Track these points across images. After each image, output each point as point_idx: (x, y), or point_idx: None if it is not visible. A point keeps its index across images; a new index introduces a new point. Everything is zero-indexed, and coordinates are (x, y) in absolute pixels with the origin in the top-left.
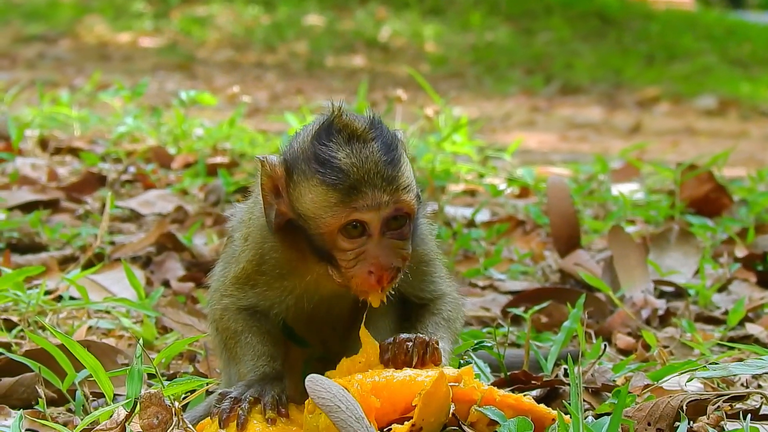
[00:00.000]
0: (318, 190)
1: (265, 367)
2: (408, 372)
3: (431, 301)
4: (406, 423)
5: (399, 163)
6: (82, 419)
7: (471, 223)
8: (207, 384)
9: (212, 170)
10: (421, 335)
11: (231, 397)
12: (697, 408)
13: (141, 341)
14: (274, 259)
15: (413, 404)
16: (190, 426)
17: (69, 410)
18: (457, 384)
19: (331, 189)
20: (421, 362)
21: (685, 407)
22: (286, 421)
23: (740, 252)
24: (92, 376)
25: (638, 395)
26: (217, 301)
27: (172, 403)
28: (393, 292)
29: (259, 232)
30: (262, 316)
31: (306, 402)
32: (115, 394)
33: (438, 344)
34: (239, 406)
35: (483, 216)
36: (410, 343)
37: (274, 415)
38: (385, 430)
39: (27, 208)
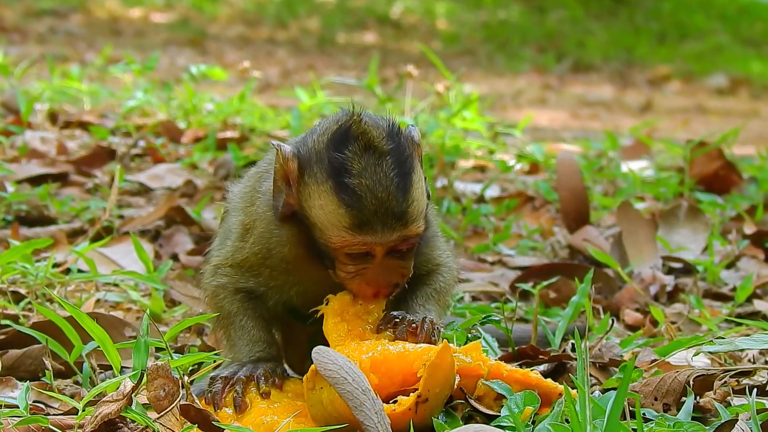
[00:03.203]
0: (328, 200)
1: (260, 353)
2: (403, 344)
3: (427, 272)
4: (411, 394)
5: (411, 187)
6: (88, 391)
7: (480, 199)
8: (215, 355)
9: (222, 145)
10: (424, 318)
11: (222, 377)
12: (704, 383)
13: (148, 312)
14: (281, 254)
15: (418, 375)
16: (197, 399)
17: (76, 382)
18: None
19: (341, 208)
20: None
21: (692, 382)
22: (292, 396)
23: (749, 229)
24: (99, 349)
25: (645, 370)
26: (212, 278)
27: (181, 376)
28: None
29: (265, 225)
30: (259, 299)
31: (305, 378)
32: (122, 367)
33: (436, 326)
34: (234, 388)
35: (492, 192)
36: (414, 325)
37: (268, 389)
38: (390, 401)
39: (36, 181)
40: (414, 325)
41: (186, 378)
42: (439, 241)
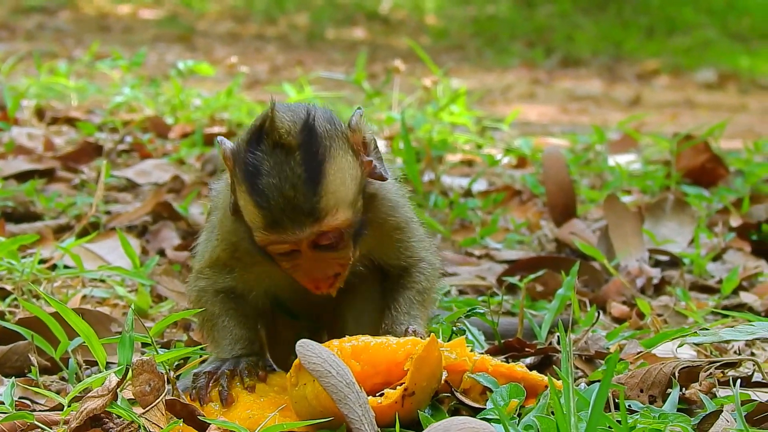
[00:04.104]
0: (246, 201)
1: (242, 350)
2: (387, 337)
3: (406, 269)
4: (398, 388)
5: (323, 179)
6: (74, 387)
7: (468, 193)
8: (201, 350)
9: (209, 140)
10: (406, 330)
11: (206, 372)
12: (689, 375)
13: (133, 307)
14: (246, 248)
15: (405, 369)
16: (182, 394)
17: (62, 378)
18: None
19: (255, 209)
20: None
21: (677, 374)
22: (278, 390)
23: (735, 221)
24: (85, 344)
25: (631, 362)
26: (195, 282)
27: (167, 371)
28: (366, 263)
29: (229, 222)
30: (240, 299)
31: (288, 375)
32: (108, 362)
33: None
34: (218, 382)
35: (480, 186)
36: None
37: (253, 382)
38: (377, 395)
39: (22, 177)
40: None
41: (172, 373)
42: (414, 233)
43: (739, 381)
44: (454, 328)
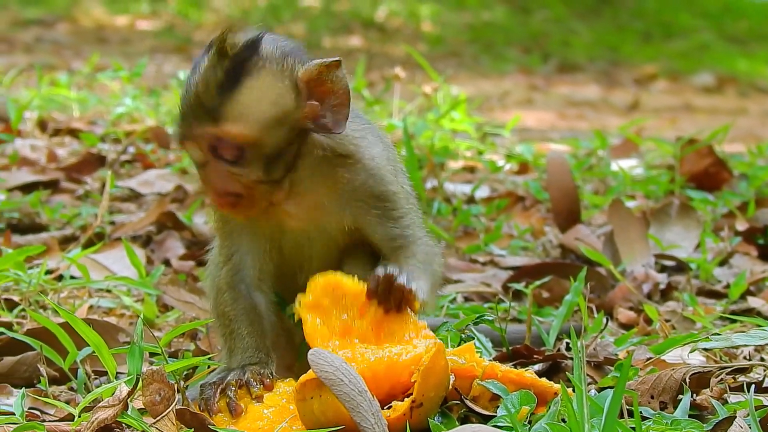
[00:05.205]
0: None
1: (249, 359)
2: (392, 350)
3: (401, 246)
4: (406, 399)
5: (239, 87)
6: (84, 397)
7: (471, 200)
8: (209, 359)
9: None
10: (396, 275)
11: (212, 383)
12: (700, 380)
13: (142, 317)
14: None
15: (412, 380)
16: (192, 404)
17: (71, 388)
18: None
19: (178, 101)
20: (397, 307)
21: (688, 380)
22: (288, 399)
23: (741, 226)
24: (93, 355)
25: (641, 369)
26: (212, 281)
27: (177, 381)
28: (354, 237)
29: None
30: (253, 290)
31: (294, 389)
32: (116, 372)
33: (412, 291)
34: (225, 393)
35: (482, 192)
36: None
37: (261, 392)
38: (385, 408)
39: (27, 188)
40: (375, 277)
41: (181, 383)
42: (401, 208)
43: (753, 386)
44: (463, 336)
